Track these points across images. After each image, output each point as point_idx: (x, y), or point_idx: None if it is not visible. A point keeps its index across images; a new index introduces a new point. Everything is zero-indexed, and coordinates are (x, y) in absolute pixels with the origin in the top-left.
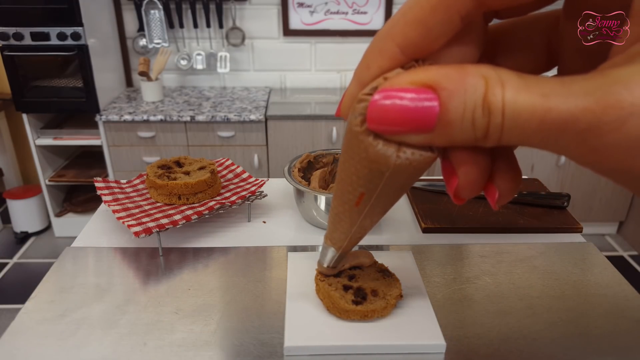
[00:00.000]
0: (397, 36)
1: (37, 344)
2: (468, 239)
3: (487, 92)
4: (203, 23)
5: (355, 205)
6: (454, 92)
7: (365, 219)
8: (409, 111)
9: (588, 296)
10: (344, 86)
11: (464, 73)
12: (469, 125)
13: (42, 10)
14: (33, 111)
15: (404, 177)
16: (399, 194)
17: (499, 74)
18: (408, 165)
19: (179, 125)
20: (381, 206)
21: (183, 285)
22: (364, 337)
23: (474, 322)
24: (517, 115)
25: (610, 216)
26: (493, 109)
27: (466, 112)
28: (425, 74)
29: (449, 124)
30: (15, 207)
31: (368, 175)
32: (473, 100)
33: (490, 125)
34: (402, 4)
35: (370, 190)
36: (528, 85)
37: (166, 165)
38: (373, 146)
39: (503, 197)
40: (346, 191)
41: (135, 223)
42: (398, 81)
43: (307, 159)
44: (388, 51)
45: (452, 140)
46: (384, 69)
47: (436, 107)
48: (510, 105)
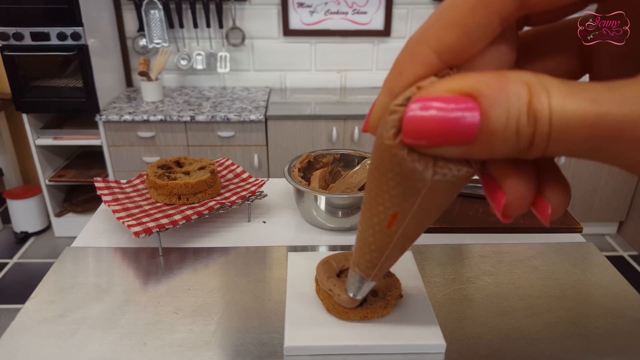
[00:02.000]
0: (432, 40)
1: (37, 344)
2: (468, 239)
3: (531, 98)
4: (203, 23)
5: (387, 227)
6: (496, 100)
7: (399, 241)
8: (448, 122)
9: (588, 296)
10: (344, 86)
11: (505, 79)
12: (512, 135)
13: (42, 10)
14: (33, 111)
15: (440, 195)
16: (435, 214)
17: (541, 80)
18: (445, 182)
19: (179, 125)
20: (416, 227)
21: (183, 285)
22: (364, 337)
23: (474, 322)
24: (566, 122)
25: (610, 216)
26: (540, 116)
27: (510, 121)
28: (464, 81)
29: (491, 134)
30: (15, 207)
31: (402, 194)
32: (517, 108)
33: (536, 135)
34: (402, 4)
35: (404, 209)
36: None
37: (166, 165)
38: (408, 161)
39: (556, 211)
40: (377, 212)
41: (135, 223)
42: (435, 90)
43: (307, 159)
44: (422, 56)
45: (494, 152)
46: (418, 75)
47: (477, 117)
48: (558, 112)
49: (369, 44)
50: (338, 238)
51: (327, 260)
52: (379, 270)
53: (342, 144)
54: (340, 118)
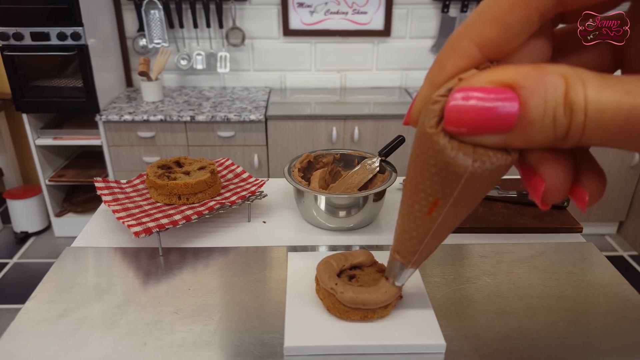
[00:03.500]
0: (473, 35)
1: (37, 344)
2: (468, 239)
3: (568, 90)
4: (203, 23)
5: (429, 213)
6: (534, 91)
7: (439, 228)
8: (488, 111)
9: (588, 296)
10: (344, 86)
11: (543, 72)
12: (549, 125)
13: (42, 10)
14: (33, 111)
15: (480, 183)
16: (474, 201)
17: (577, 73)
18: (484, 170)
19: (179, 125)
20: (456, 214)
21: (183, 285)
22: (364, 337)
23: (474, 322)
24: (601, 113)
25: (610, 216)
26: (576, 107)
27: (547, 111)
28: (504, 73)
29: (529, 123)
30: (15, 207)
31: (443, 181)
32: (554, 99)
33: (572, 125)
34: (402, 4)
35: (445, 196)
36: (609, 82)
37: (166, 165)
38: (448, 149)
39: (593, 198)
40: (418, 199)
41: (135, 223)
42: (476, 80)
43: (307, 159)
44: (464, 50)
45: (531, 141)
46: (459, 68)
47: (516, 106)
48: (594, 103)
49: (369, 44)
50: (338, 238)
51: (327, 260)
52: (419, 257)
53: (342, 144)
54: (340, 118)
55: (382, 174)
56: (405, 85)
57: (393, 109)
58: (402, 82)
